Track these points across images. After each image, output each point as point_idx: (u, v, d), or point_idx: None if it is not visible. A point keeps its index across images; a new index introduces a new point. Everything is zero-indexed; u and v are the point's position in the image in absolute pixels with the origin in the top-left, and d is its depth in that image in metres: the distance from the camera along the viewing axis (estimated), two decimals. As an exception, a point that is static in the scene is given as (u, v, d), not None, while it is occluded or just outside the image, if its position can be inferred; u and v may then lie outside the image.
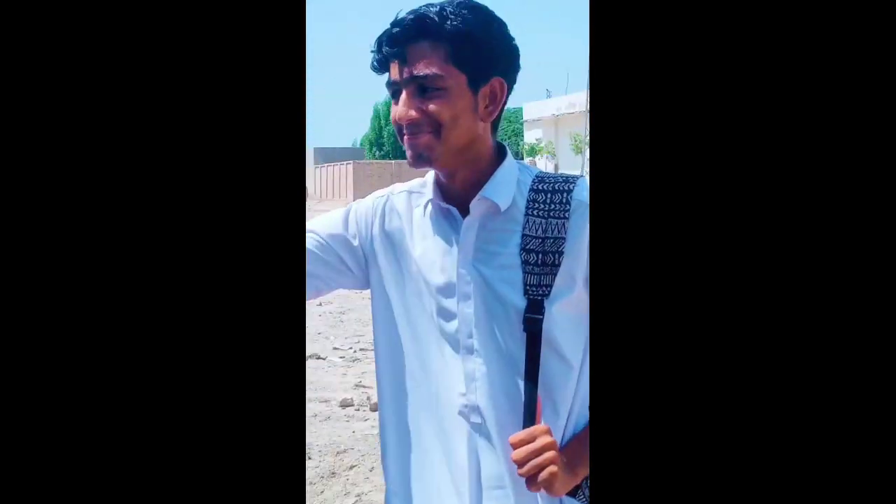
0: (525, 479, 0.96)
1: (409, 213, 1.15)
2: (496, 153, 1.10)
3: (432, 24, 1.00)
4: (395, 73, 1.04)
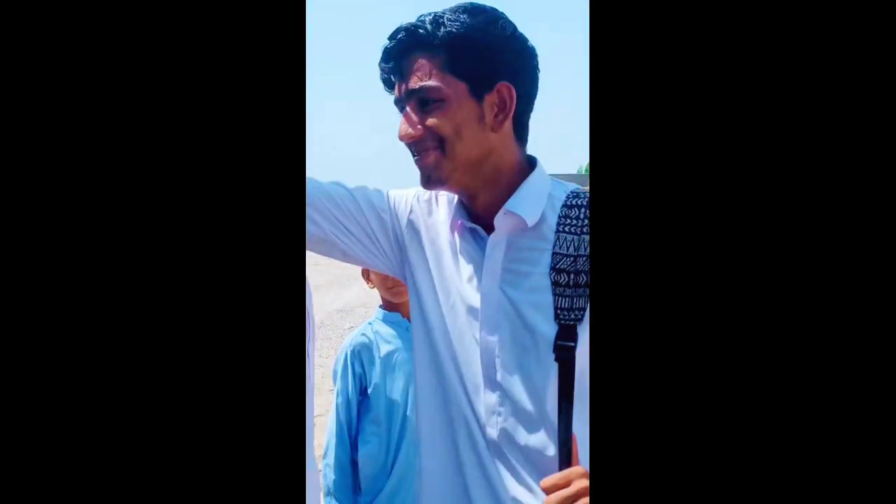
0: None
1: (436, 227, 1.06)
2: (524, 168, 1.00)
3: (425, 34, 0.93)
4: (396, 90, 0.98)
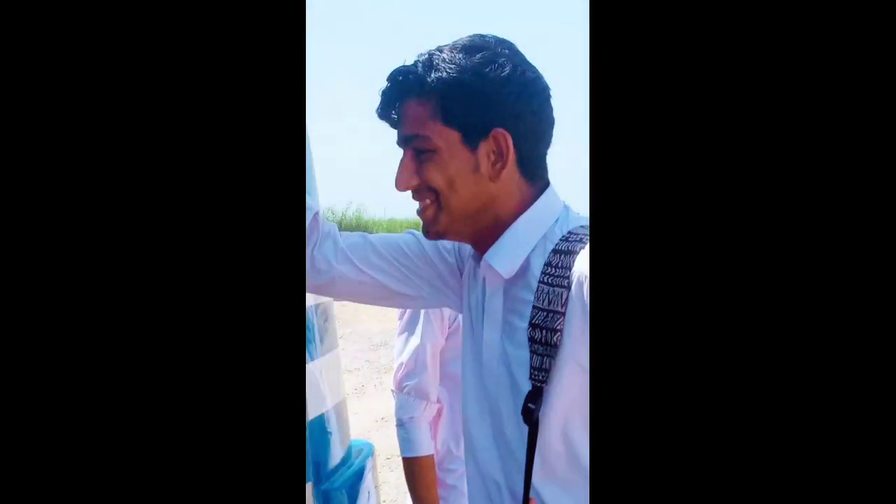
0: None
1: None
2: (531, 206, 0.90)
3: (415, 79, 0.86)
4: (397, 132, 0.91)
